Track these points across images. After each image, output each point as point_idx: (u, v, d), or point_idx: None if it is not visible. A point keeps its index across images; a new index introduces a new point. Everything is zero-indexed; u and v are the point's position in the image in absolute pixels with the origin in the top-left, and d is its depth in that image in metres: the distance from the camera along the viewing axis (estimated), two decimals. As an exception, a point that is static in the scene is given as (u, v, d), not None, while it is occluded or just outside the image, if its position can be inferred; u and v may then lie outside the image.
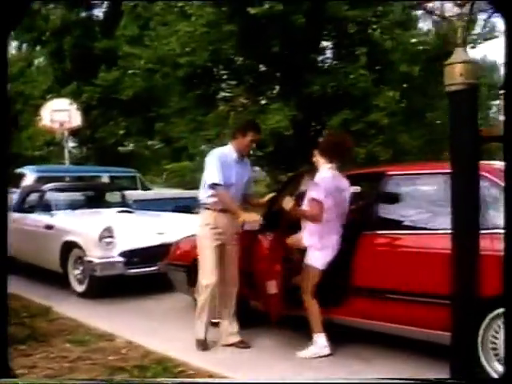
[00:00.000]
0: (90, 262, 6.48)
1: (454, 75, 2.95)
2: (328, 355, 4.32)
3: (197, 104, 11.92)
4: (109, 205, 8.42)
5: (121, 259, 6.52)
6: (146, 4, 12.80)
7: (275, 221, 4.62)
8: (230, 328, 4.73)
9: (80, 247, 6.68)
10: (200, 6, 9.19)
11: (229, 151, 4.67)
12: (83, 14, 18.19)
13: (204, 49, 9.69)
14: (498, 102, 29.60)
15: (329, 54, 9.95)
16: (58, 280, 7.22)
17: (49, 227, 7.33)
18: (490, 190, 3.90)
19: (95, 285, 6.63)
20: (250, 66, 10.42)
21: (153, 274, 6.74)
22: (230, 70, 10.90)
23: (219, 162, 4.52)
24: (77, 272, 6.87)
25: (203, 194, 4.69)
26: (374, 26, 10.60)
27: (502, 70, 3.13)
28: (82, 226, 6.93)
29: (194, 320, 4.71)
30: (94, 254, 6.47)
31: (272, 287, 4.46)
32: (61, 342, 4.94)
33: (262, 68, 10.49)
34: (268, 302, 4.58)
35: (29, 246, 7.67)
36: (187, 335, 4.87)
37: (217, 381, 3.68)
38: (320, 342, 4.29)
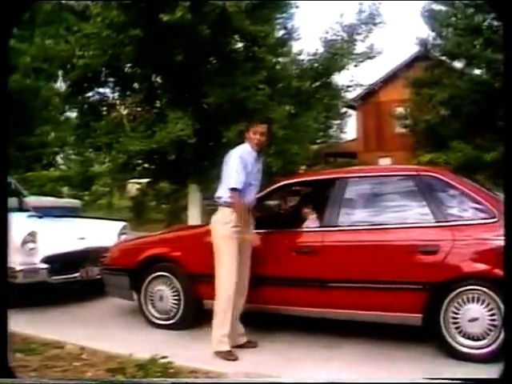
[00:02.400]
0: (10, 268, 6.00)
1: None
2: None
3: (85, 109, 11.56)
4: (22, 210, 7.81)
5: (44, 266, 6.15)
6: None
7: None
8: (238, 329, 4.60)
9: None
10: (106, 7, 8.95)
11: (248, 150, 4.59)
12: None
13: (104, 52, 9.43)
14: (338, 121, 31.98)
15: (228, 66, 10.14)
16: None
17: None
18: (445, 188, 4.58)
19: (12, 293, 6.14)
20: (147, 73, 10.31)
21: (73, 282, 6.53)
22: (125, 75, 10.69)
23: (241, 164, 4.47)
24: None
25: (224, 192, 4.54)
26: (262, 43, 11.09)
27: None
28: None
29: (212, 331, 4.48)
30: (15, 260, 6.02)
31: None
32: (12, 353, 4.56)
33: (158, 76, 10.41)
34: None
35: None
36: (137, 337, 4.99)
37: (217, 381, 3.64)
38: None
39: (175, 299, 5.30)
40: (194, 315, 5.29)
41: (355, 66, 11.43)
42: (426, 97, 18.25)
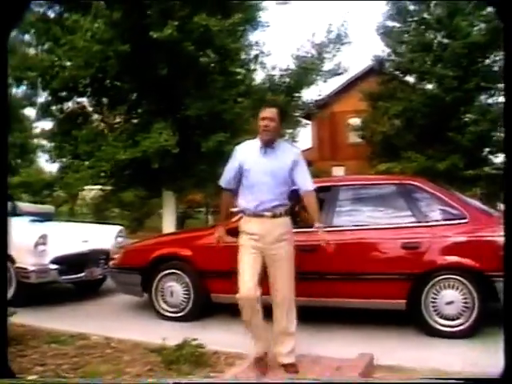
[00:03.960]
0: (23, 269, 6.46)
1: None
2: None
3: (63, 118, 11.93)
4: (16, 214, 8.16)
5: (54, 266, 6.60)
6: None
7: None
8: (279, 347, 4.06)
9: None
10: (95, 22, 9.41)
11: (252, 144, 4.16)
12: None
13: (91, 64, 9.88)
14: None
15: (205, 80, 10.73)
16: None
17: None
18: (424, 194, 5.47)
19: (23, 293, 6.59)
20: (131, 85, 10.80)
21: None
22: (108, 87, 11.13)
23: (234, 161, 4.16)
24: (-2, 281, 6.70)
25: (238, 199, 4.22)
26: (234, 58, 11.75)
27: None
28: (14, 234, 6.78)
29: None
30: (27, 262, 6.48)
31: None
32: (42, 344, 5.03)
33: (142, 88, 10.90)
34: None
35: None
36: (150, 327, 5.60)
37: (216, 381, 3.65)
38: None
39: (185, 294, 5.89)
40: (202, 308, 5.90)
41: (324, 81, 12.25)
42: (382, 109, 19.27)
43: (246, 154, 4.11)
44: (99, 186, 20.30)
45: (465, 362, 4.16)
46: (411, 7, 20.01)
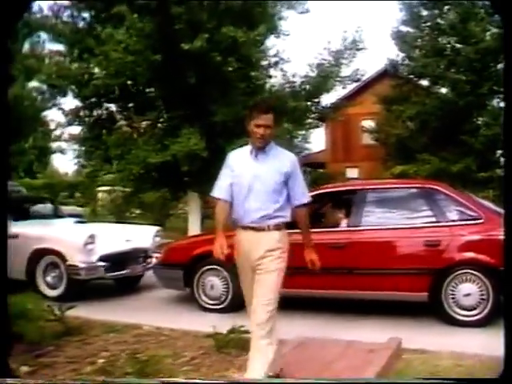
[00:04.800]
0: (74, 266, 7.06)
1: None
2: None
3: (93, 124, 12.55)
4: (57, 216, 8.81)
5: (101, 264, 7.20)
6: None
7: None
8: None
9: (58, 253, 7.18)
10: (128, 34, 10.02)
11: (244, 150, 3.76)
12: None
13: (123, 73, 10.49)
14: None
15: (231, 87, 11.29)
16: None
17: (10, 236, 7.57)
18: (444, 197, 6.06)
19: (73, 288, 7.18)
20: (161, 92, 11.40)
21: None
22: (138, 94, 11.74)
23: (226, 168, 3.75)
24: (49, 277, 7.32)
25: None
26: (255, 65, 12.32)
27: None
28: (62, 233, 7.43)
29: None
30: (78, 259, 7.08)
31: None
32: (101, 334, 5.60)
33: (171, 96, 11.49)
34: None
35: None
36: (193, 318, 6.18)
37: (217, 381, 3.66)
38: None
39: (224, 287, 6.47)
40: (241, 300, 6.45)
41: (343, 87, 12.83)
42: (396, 113, 19.77)
43: (237, 159, 3.74)
44: (115, 187, 21.07)
45: (480, 347, 4.69)
46: (424, 13, 20.51)
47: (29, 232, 7.55)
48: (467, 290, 5.61)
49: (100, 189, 23.36)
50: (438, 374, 4.02)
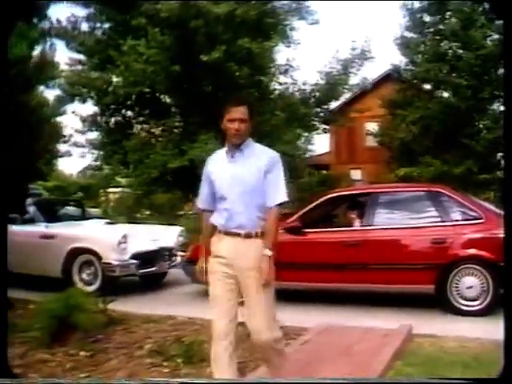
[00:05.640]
0: (108, 264, 7.69)
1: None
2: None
3: (110, 129, 13.22)
4: (86, 217, 9.46)
5: (133, 261, 7.83)
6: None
7: None
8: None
9: (93, 252, 7.81)
10: (149, 46, 10.68)
11: (220, 153, 3.49)
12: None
13: (143, 83, 11.15)
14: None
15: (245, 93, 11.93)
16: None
17: (48, 237, 8.23)
18: (447, 199, 6.74)
19: (108, 284, 7.81)
20: (178, 100, 12.06)
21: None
22: (156, 101, 12.40)
23: (204, 176, 3.48)
24: (85, 274, 7.96)
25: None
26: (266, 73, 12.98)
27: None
28: (97, 233, 8.07)
29: None
30: (112, 257, 7.72)
31: None
32: (140, 324, 6.21)
33: (188, 103, 12.14)
34: None
35: (22, 256, 8.32)
36: None
37: (217, 381, 3.48)
38: None
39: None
40: None
41: (352, 95, 13.49)
42: (400, 117, 20.39)
43: (214, 163, 3.45)
44: (124, 189, 21.72)
45: (481, 332, 5.31)
46: (427, 19, 21.13)
47: (65, 232, 8.18)
48: (470, 283, 6.29)
49: (111, 190, 24.07)
50: (445, 353, 4.65)
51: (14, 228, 8.54)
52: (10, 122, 6.91)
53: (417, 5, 21.14)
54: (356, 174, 28.53)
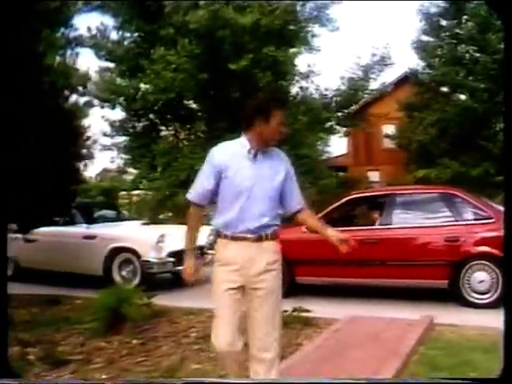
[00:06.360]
0: (147, 261, 8.25)
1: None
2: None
3: (139, 134, 13.81)
4: (123, 219, 10.05)
5: (170, 259, 8.38)
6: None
7: None
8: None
9: (133, 251, 8.36)
10: (178, 55, 11.26)
11: (239, 145, 3.17)
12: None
13: (172, 90, 11.72)
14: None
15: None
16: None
17: (89, 237, 8.81)
18: (461, 200, 7.30)
19: (146, 281, 8.35)
20: (206, 106, 12.63)
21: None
22: (185, 107, 12.98)
23: (211, 167, 3.15)
24: (124, 272, 8.52)
25: (214, 216, 3.27)
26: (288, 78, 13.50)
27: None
28: (136, 234, 8.64)
29: None
30: (150, 256, 8.27)
31: None
32: (181, 316, 6.73)
33: (215, 108, 12.70)
34: None
35: (67, 256, 8.92)
36: None
37: (218, 381, 3.44)
38: None
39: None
40: (289, 289, 7.66)
41: (372, 98, 13.98)
42: (418, 119, 20.79)
43: (228, 157, 3.13)
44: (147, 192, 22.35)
45: (498, 323, 5.74)
46: (444, 23, 21.51)
47: (105, 233, 8.76)
48: (481, 278, 6.87)
49: (134, 193, 24.74)
50: (465, 339, 5.14)
51: (57, 229, 9.22)
52: (50, 127, 7.52)
53: (433, 9, 21.52)
54: (374, 176, 28.87)
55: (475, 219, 7.08)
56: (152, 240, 8.30)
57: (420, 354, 4.75)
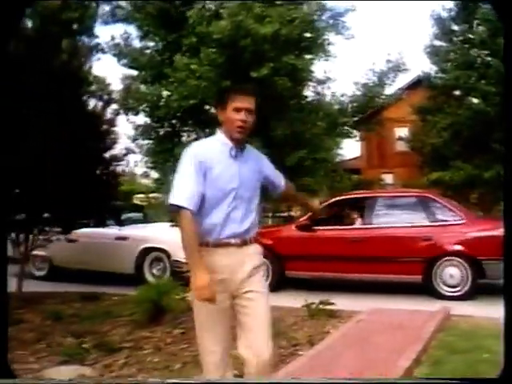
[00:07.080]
0: (177, 261, 8.74)
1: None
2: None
3: (162, 138, 14.29)
4: (147, 221, 10.60)
5: (198, 258, 8.87)
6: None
7: None
8: None
9: (163, 251, 8.89)
10: (201, 63, 11.74)
11: (218, 142, 2.94)
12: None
13: (195, 96, 12.21)
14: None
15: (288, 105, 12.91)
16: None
17: (121, 238, 9.35)
18: (436, 203, 8.10)
19: (176, 278, 8.84)
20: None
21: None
22: (202, 112, 13.45)
23: (196, 168, 2.80)
24: (155, 270, 9.05)
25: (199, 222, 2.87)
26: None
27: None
28: (166, 235, 9.14)
29: None
30: (180, 255, 8.71)
31: None
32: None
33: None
34: None
35: (100, 256, 9.46)
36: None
37: (219, 381, 3.34)
38: None
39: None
40: (279, 281, 8.46)
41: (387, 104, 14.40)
42: (431, 123, 21.18)
43: (212, 156, 2.87)
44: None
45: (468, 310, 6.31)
46: (455, 27, 21.90)
47: (136, 234, 9.30)
48: (452, 273, 7.67)
49: (152, 195, 25.38)
50: (479, 328, 5.61)
51: (91, 230, 9.76)
52: (81, 131, 8.00)
53: (445, 14, 21.93)
54: (388, 178, 29.26)
55: (448, 220, 7.88)
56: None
57: (439, 340, 5.23)
